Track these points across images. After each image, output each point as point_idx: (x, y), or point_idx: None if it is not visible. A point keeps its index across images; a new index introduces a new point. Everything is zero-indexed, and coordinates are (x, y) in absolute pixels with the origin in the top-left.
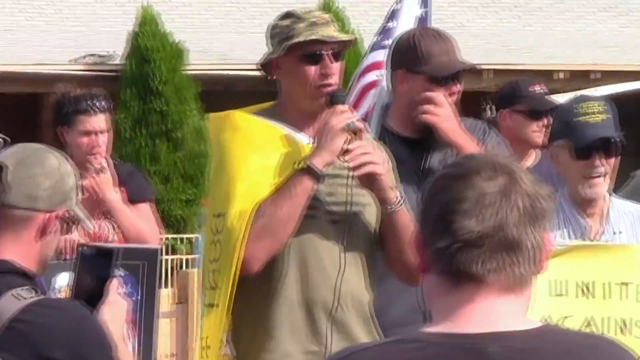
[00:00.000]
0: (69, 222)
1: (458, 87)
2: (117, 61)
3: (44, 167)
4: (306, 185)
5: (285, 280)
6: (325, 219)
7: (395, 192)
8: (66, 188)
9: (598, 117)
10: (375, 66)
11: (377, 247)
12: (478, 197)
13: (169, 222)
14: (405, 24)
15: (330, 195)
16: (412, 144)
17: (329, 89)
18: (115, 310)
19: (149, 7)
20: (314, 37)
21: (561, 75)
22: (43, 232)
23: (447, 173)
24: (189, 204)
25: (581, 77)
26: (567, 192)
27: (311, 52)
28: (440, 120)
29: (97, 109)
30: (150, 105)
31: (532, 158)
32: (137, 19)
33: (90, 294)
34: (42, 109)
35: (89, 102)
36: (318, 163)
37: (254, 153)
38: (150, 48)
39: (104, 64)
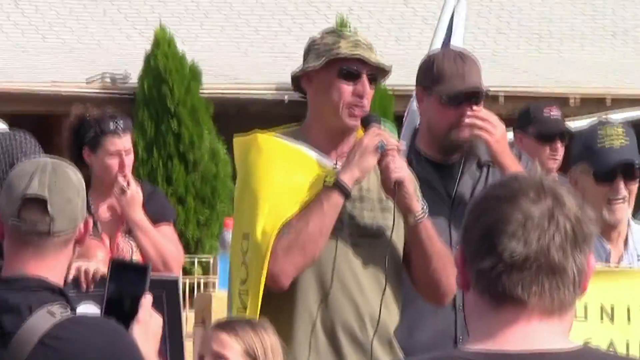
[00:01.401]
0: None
1: (473, 110)
2: (132, 82)
3: (72, 186)
4: (335, 201)
5: (307, 300)
6: (348, 240)
7: (419, 203)
8: (85, 194)
9: (619, 141)
10: None
11: (402, 269)
12: (524, 219)
13: (183, 243)
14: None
15: (354, 217)
16: (442, 168)
17: (361, 111)
18: (148, 328)
19: (164, 28)
20: (357, 54)
21: (574, 101)
22: (79, 242)
23: (493, 194)
24: (204, 225)
25: (593, 103)
26: None
27: (351, 70)
28: (494, 139)
29: (123, 130)
30: (165, 126)
31: None
32: (152, 40)
33: (122, 311)
34: (57, 128)
35: (114, 123)
36: (347, 179)
37: (278, 173)
38: (165, 69)
39: (119, 84)
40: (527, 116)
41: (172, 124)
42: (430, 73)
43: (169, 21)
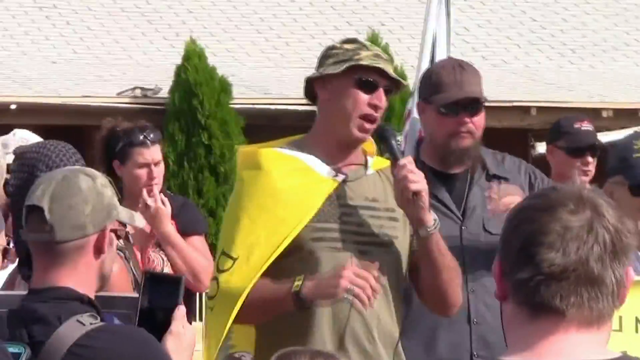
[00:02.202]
0: (120, 229)
1: (474, 119)
2: (162, 94)
3: (79, 193)
4: (288, 307)
5: (316, 313)
6: (354, 249)
7: (432, 214)
8: (106, 201)
9: None
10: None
11: (408, 280)
12: (562, 230)
13: (215, 255)
14: (426, 62)
15: (360, 226)
16: (448, 179)
17: (372, 124)
18: (181, 339)
19: (195, 41)
20: (379, 66)
21: (607, 114)
22: (98, 251)
23: (531, 204)
24: None
25: (627, 116)
26: None
27: (369, 80)
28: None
29: (151, 141)
30: (196, 139)
31: None
32: (182, 53)
33: (156, 322)
34: (89, 141)
35: (143, 135)
36: (309, 295)
37: (272, 201)
38: (196, 82)
39: (150, 97)
40: (558, 129)
41: (202, 137)
42: (429, 84)
43: (199, 34)
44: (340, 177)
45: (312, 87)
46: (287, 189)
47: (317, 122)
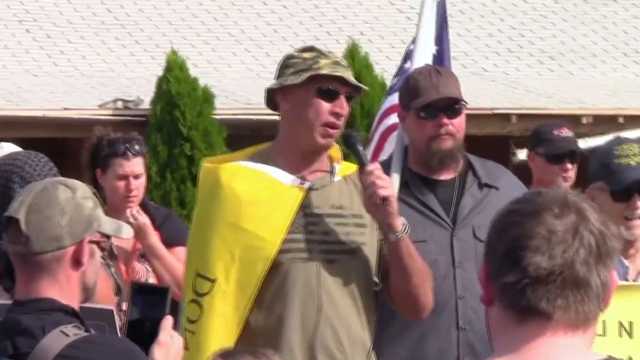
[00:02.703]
0: (102, 241)
1: (453, 120)
2: (144, 106)
3: (56, 205)
4: None
5: (285, 324)
6: (322, 259)
7: (401, 219)
8: (86, 213)
9: (636, 159)
10: (393, 109)
11: (379, 286)
12: (548, 234)
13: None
14: (419, 63)
15: (327, 234)
16: (437, 186)
17: (336, 131)
18: (169, 349)
19: (176, 52)
20: (338, 74)
21: (586, 120)
22: (77, 263)
23: (517, 209)
24: None
25: (606, 122)
26: None
27: (330, 89)
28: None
29: (132, 153)
30: (178, 150)
31: None
32: (164, 65)
33: (143, 333)
34: (69, 153)
35: (125, 146)
36: None
37: (241, 217)
38: (178, 93)
39: (132, 108)
40: (538, 136)
41: (185, 148)
42: (407, 90)
43: (180, 46)
44: (306, 185)
45: (272, 97)
46: (253, 203)
47: (281, 131)
